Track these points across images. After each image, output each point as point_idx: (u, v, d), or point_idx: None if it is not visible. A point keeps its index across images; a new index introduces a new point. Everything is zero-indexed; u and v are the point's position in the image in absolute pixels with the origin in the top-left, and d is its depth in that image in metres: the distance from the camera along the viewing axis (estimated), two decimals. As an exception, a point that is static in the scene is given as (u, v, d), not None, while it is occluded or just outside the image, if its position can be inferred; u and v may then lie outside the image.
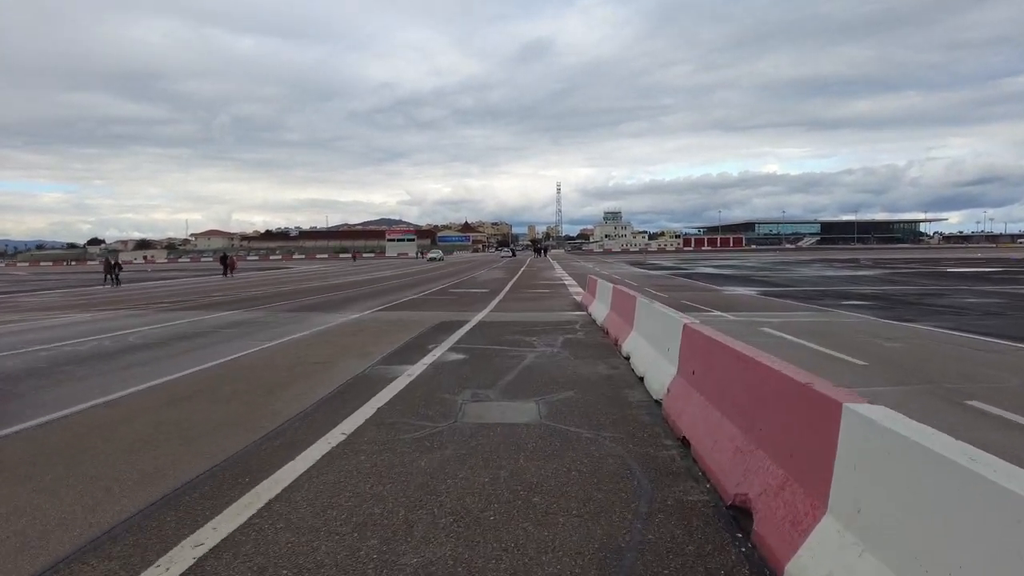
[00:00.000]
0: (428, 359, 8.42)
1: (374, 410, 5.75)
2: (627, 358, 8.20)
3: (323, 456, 4.50)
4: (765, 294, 20.33)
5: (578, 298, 18.69)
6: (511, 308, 16.14)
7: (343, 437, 4.94)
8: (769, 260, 57.62)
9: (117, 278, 31.01)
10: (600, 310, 12.79)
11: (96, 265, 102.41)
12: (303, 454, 4.54)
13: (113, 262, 31.92)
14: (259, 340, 10.60)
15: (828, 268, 38.97)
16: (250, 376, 7.52)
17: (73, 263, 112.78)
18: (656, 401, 5.91)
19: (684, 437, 4.65)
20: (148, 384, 7.10)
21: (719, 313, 14.43)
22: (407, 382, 6.95)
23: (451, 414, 5.60)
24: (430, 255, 77.37)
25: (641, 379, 6.90)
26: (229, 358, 8.85)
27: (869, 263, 45.66)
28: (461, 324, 12.44)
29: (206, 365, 8.26)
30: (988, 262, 44.30)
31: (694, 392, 4.92)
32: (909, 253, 77.41)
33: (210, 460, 4.48)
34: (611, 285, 12.24)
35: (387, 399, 6.15)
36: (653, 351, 6.95)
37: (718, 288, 23.36)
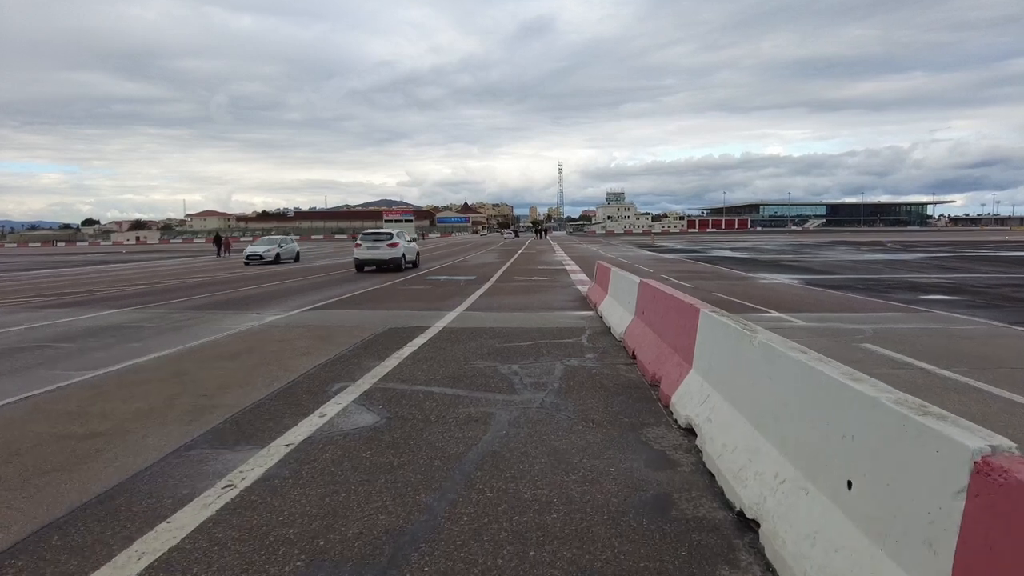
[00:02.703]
0: (303, 431, 4.41)
1: None
2: (688, 430, 4.24)
3: None
4: (811, 284, 16.37)
5: (582, 289, 14.70)
6: (494, 305, 12.14)
7: None
8: (785, 243, 53.49)
9: None
10: (616, 313, 8.82)
11: (85, 246, 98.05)
12: None
13: None
14: (76, 367, 6.61)
15: (856, 252, 35.05)
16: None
17: (62, 244, 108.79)
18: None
19: None
20: None
21: (778, 314, 10.44)
22: (178, 538, 2.90)
23: None
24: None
25: (742, 516, 2.94)
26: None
27: (898, 246, 41.68)
28: (414, 334, 8.48)
29: None
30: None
31: None
32: (928, 236, 72.93)
33: None
34: (636, 279, 8.15)
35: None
36: (776, 455, 2.95)
37: (748, 275, 19.36)
